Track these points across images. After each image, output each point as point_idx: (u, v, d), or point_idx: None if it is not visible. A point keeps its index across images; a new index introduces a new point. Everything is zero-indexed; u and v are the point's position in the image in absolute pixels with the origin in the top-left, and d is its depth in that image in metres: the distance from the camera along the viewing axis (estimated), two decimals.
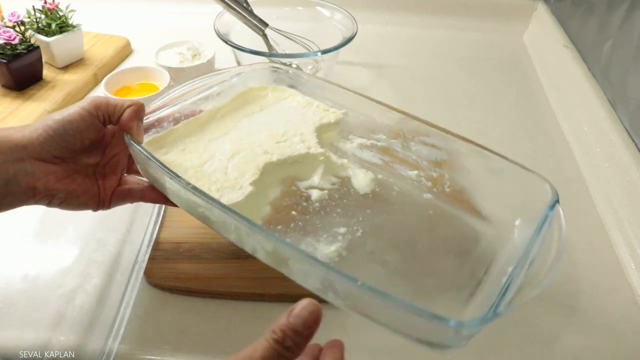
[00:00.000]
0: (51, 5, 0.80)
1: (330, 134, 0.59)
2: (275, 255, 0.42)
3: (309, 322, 0.33)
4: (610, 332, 0.51)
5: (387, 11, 1.06)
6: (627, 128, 0.66)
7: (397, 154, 0.58)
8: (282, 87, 0.62)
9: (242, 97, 0.60)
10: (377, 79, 0.89)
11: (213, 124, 0.56)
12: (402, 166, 0.57)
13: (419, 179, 0.56)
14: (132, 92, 0.76)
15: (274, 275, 0.51)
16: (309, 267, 0.40)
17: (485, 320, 0.35)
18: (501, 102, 0.85)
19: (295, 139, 0.55)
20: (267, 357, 0.32)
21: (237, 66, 0.68)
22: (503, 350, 0.49)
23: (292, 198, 0.53)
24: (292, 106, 0.60)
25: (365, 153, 0.59)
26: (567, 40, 0.87)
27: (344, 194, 0.54)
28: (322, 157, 0.55)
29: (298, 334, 0.32)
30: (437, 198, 0.54)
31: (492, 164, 0.52)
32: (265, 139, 0.55)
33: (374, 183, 0.56)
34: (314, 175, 0.55)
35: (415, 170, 0.57)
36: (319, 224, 0.51)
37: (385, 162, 0.58)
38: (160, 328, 0.48)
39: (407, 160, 0.57)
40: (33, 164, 0.42)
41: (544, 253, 0.42)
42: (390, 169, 0.57)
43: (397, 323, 0.38)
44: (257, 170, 0.51)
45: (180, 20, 1.03)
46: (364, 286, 0.36)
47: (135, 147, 0.47)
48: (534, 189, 0.49)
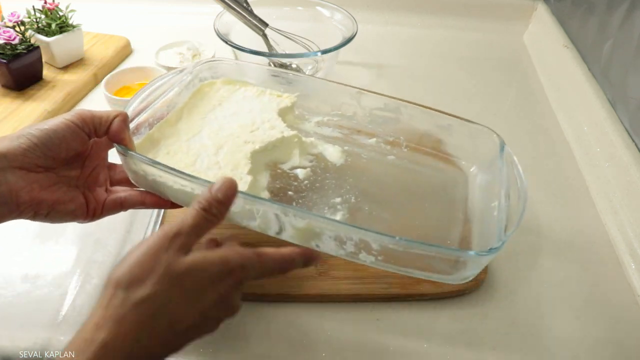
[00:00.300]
0: (51, 5, 0.80)
1: (289, 116, 0.64)
2: (306, 232, 0.46)
3: (228, 193, 0.40)
4: (610, 332, 0.51)
5: (387, 11, 1.06)
6: (627, 128, 0.66)
7: (354, 126, 0.65)
8: (229, 79, 0.64)
9: (197, 95, 0.62)
10: (377, 79, 0.89)
11: (183, 124, 0.58)
12: (360, 136, 0.65)
13: (379, 145, 0.64)
14: (132, 92, 0.76)
15: None
16: (346, 235, 0.45)
17: (495, 249, 0.43)
18: (501, 102, 0.85)
19: (265, 125, 0.59)
20: (197, 222, 0.38)
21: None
22: (504, 351, 0.49)
23: (282, 180, 0.58)
24: (246, 96, 0.63)
25: (324, 130, 0.65)
26: (567, 40, 0.87)
27: (324, 168, 0.60)
28: (296, 139, 0.59)
29: (220, 203, 0.39)
30: (399, 158, 0.63)
31: (440, 121, 0.60)
32: (239, 130, 0.57)
33: (344, 154, 0.62)
34: (292, 156, 0.60)
35: (373, 138, 0.64)
36: (317, 198, 0.56)
37: (345, 135, 0.65)
38: None
39: (363, 130, 0.64)
40: (15, 172, 0.41)
41: (512, 188, 0.50)
42: (351, 140, 0.64)
43: (423, 264, 0.46)
44: (247, 160, 0.54)
45: (180, 20, 1.03)
46: (402, 239, 0.43)
47: (133, 156, 0.47)
48: (482, 138, 0.58)
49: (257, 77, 0.64)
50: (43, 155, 0.43)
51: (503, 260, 0.57)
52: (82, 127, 0.44)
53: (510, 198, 0.49)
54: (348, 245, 0.46)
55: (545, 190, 0.67)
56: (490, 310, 0.52)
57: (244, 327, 0.49)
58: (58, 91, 0.77)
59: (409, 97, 0.84)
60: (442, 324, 0.50)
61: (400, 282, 0.52)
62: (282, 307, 0.51)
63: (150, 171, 0.47)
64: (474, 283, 0.53)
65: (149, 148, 0.53)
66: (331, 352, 0.47)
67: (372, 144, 0.64)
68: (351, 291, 0.52)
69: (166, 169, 0.45)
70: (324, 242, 0.47)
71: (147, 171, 0.47)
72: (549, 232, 0.61)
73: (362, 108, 0.63)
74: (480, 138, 0.59)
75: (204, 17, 0.87)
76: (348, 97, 0.63)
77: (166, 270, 0.36)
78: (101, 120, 0.46)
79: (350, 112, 0.64)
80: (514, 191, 0.50)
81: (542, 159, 0.73)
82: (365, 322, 0.50)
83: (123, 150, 0.47)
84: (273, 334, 0.49)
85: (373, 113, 0.63)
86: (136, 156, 0.46)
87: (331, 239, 0.46)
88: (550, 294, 0.54)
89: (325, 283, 0.52)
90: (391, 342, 0.49)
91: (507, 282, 0.55)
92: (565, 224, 0.62)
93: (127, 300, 0.34)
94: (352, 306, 0.52)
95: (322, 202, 0.56)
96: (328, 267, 0.53)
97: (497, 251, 0.43)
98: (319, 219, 0.45)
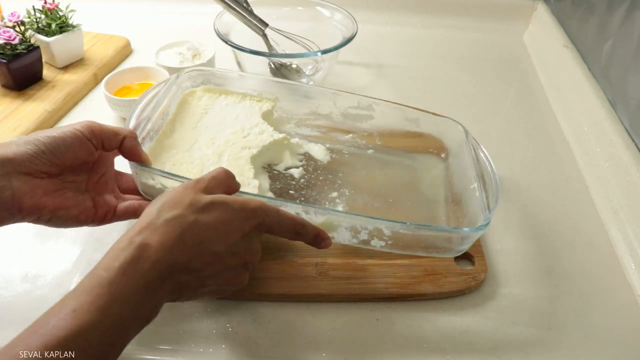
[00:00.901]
0: (51, 5, 0.80)
1: (270, 119, 0.67)
2: (324, 225, 0.49)
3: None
4: (610, 332, 0.51)
5: (387, 11, 1.06)
6: (627, 128, 0.66)
7: (331, 124, 0.69)
8: (209, 87, 0.67)
9: (183, 105, 0.64)
10: (377, 79, 0.89)
11: (177, 135, 0.59)
12: (337, 133, 0.69)
13: (355, 140, 0.69)
14: (132, 92, 0.76)
15: (275, 275, 0.52)
16: (362, 226, 0.50)
17: (484, 226, 0.49)
18: (501, 102, 0.85)
19: (255, 130, 0.62)
20: (216, 174, 0.44)
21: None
22: (504, 351, 0.49)
23: (281, 180, 0.62)
24: (228, 103, 0.66)
25: (304, 130, 0.69)
26: (567, 40, 0.87)
27: (314, 166, 0.64)
28: (285, 141, 0.63)
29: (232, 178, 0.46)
30: (377, 151, 0.68)
31: (409, 115, 0.66)
32: (233, 137, 0.60)
33: (329, 152, 0.67)
34: (284, 157, 0.64)
35: (349, 134, 0.69)
36: (316, 195, 0.60)
37: (323, 133, 0.69)
38: (160, 328, 0.48)
39: (339, 128, 0.69)
40: (19, 178, 0.41)
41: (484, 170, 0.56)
42: (331, 138, 0.69)
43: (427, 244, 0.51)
44: (249, 165, 0.57)
45: (180, 20, 1.03)
46: (412, 224, 0.49)
47: (152, 170, 0.49)
48: (448, 128, 0.65)
49: (233, 83, 0.67)
50: (49, 162, 0.43)
51: (503, 260, 0.57)
52: (90, 138, 0.45)
53: (485, 178, 0.55)
54: (362, 234, 0.50)
55: (545, 190, 0.67)
56: (491, 310, 0.52)
57: (244, 327, 0.49)
58: (58, 91, 0.77)
59: (409, 97, 0.84)
60: (442, 323, 0.50)
61: (399, 282, 0.52)
62: (282, 306, 0.51)
63: (169, 184, 0.49)
64: (474, 283, 0.53)
65: (155, 161, 0.55)
66: (331, 352, 0.47)
67: (349, 139, 0.69)
68: (350, 291, 0.52)
69: (182, 179, 0.47)
70: (339, 234, 0.51)
71: (165, 184, 0.49)
72: (549, 232, 0.61)
73: (338, 107, 0.68)
74: (446, 128, 0.65)
75: (204, 17, 0.87)
76: (324, 98, 0.67)
77: (191, 202, 0.40)
78: (110, 135, 0.46)
79: (327, 112, 0.68)
80: (486, 173, 0.55)
81: (542, 159, 0.73)
82: (365, 321, 0.50)
83: (139, 167, 0.48)
84: (273, 334, 0.49)
85: (347, 111, 0.68)
86: (155, 171, 0.48)
87: (347, 230, 0.50)
88: (550, 294, 0.54)
89: (324, 283, 0.52)
90: (391, 342, 0.49)
91: (508, 282, 0.55)
92: (565, 224, 0.62)
93: (160, 217, 0.39)
94: (352, 306, 0.52)
95: (322, 197, 0.60)
96: (328, 267, 0.53)
97: (487, 227, 0.49)
98: (341, 214, 0.50)
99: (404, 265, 0.54)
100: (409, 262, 0.54)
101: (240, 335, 0.48)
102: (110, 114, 0.75)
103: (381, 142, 0.68)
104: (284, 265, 0.53)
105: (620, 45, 0.71)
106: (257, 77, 0.68)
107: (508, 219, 0.62)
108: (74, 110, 0.77)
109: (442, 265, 0.54)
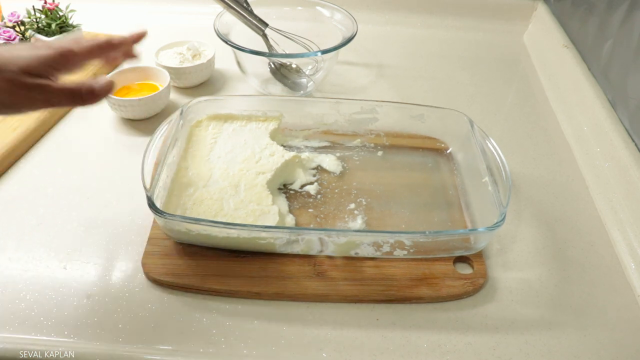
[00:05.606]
0: (51, 5, 0.80)
1: (278, 136, 0.68)
2: (347, 245, 0.52)
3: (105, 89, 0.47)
4: (610, 332, 0.51)
5: (387, 11, 1.06)
6: (627, 128, 0.66)
7: (337, 132, 0.70)
8: (213, 115, 0.67)
9: (192, 138, 0.64)
10: (377, 79, 0.89)
11: (192, 172, 0.60)
12: (345, 140, 0.70)
13: (363, 144, 0.70)
14: (132, 92, 0.76)
15: (271, 275, 0.53)
16: (383, 240, 0.52)
17: (500, 222, 0.50)
18: (501, 102, 0.85)
19: (265, 153, 0.63)
20: None
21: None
22: (503, 351, 0.49)
23: (298, 200, 0.62)
24: (235, 128, 0.66)
25: (312, 142, 0.70)
26: (567, 40, 0.88)
27: (328, 179, 0.65)
28: (297, 159, 0.63)
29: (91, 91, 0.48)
30: (386, 152, 0.69)
31: (413, 112, 0.68)
32: (245, 164, 0.61)
33: (339, 161, 0.67)
34: (297, 175, 0.64)
35: (357, 139, 0.70)
36: (334, 209, 0.61)
37: (331, 142, 0.70)
38: (160, 328, 0.48)
39: (346, 134, 0.70)
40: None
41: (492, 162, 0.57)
42: (339, 146, 0.70)
43: (447, 247, 0.53)
44: (266, 191, 0.57)
45: (180, 20, 1.03)
46: (430, 233, 0.51)
47: (176, 217, 0.50)
48: (452, 119, 0.66)
49: (236, 106, 0.68)
50: None
51: (503, 260, 0.57)
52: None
53: (494, 171, 0.56)
54: (384, 247, 0.52)
55: (546, 190, 0.67)
56: (491, 311, 0.52)
57: (244, 327, 0.49)
58: None
59: (409, 97, 0.84)
60: (442, 324, 0.50)
61: (397, 284, 0.52)
62: (282, 306, 0.51)
63: (194, 228, 0.50)
64: (472, 288, 0.53)
65: (177, 203, 0.56)
66: (332, 352, 0.47)
67: (358, 144, 0.70)
68: (348, 292, 0.52)
69: (211, 223, 0.50)
70: (362, 249, 0.53)
71: (190, 228, 0.50)
72: (548, 232, 0.61)
73: (342, 115, 0.69)
74: (451, 120, 0.66)
75: (204, 17, 0.87)
76: (328, 108, 0.68)
77: None
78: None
79: (332, 120, 0.69)
80: (494, 165, 0.56)
81: (542, 159, 0.73)
82: (365, 322, 0.50)
83: (169, 216, 0.49)
84: (273, 334, 0.49)
85: (352, 117, 0.69)
86: (186, 218, 0.51)
87: (369, 246, 0.52)
88: (550, 294, 0.54)
89: (323, 284, 0.52)
90: (391, 341, 0.49)
91: (507, 283, 0.55)
92: (565, 224, 0.62)
93: None
94: (352, 306, 0.52)
95: (340, 210, 0.61)
96: (327, 268, 0.53)
97: (503, 223, 0.50)
98: (362, 234, 0.52)
99: (402, 268, 0.54)
100: (407, 265, 0.54)
101: (241, 335, 0.48)
102: (110, 114, 0.75)
103: (389, 142, 0.70)
104: (282, 264, 0.53)
105: (620, 45, 0.71)
106: (259, 98, 0.68)
107: (508, 219, 0.62)
108: (74, 110, 0.77)
109: (440, 269, 0.54)
